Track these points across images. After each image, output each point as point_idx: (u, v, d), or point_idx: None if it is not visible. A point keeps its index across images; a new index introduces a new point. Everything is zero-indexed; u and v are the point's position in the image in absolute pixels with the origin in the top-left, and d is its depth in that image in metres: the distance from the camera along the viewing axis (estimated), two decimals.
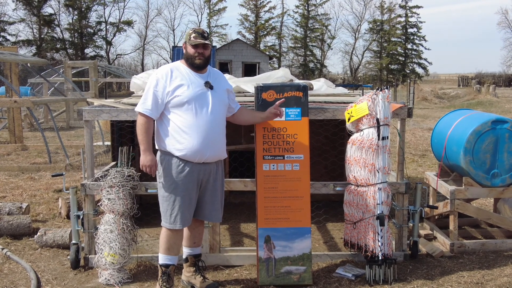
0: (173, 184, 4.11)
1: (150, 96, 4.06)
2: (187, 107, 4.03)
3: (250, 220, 6.41)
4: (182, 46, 4.21)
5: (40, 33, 53.41)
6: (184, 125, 4.04)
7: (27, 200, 7.37)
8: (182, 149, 4.04)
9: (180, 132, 4.05)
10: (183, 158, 4.08)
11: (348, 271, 4.74)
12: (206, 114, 4.08)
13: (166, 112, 4.10)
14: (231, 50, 35.89)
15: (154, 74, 4.15)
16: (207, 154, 4.11)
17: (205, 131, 4.07)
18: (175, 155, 4.08)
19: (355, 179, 4.73)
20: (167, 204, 4.15)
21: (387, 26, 61.18)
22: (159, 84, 4.06)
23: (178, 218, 4.13)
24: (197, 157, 4.08)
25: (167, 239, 4.21)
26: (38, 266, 4.98)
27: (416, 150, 12.24)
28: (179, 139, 4.05)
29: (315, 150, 6.80)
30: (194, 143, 4.03)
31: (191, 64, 4.15)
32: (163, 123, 4.13)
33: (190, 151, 4.04)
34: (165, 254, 4.24)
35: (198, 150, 4.05)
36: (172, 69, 4.13)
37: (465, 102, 30.73)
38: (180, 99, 4.02)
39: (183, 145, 4.04)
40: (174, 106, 4.05)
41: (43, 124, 17.69)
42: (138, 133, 4.11)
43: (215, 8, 60.00)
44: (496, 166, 5.28)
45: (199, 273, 4.47)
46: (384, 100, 4.60)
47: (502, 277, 4.65)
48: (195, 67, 4.15)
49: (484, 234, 5.92)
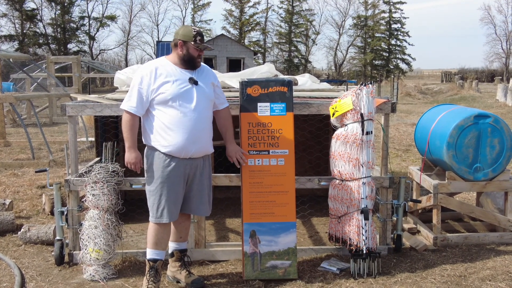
0: (160, 179, 4.12)
1: (135, 93, 4.08)
2: (171, 104, 4.05)
3: (236, 215, 6.42)
4: (178, 43, 4.14)
5: (22, 28, 52.90)
6: (169, 122, 4.06)
7: (10, 197, 7.30)
8: (167, 146, 4.07)
9: (165, 129, 4.07)
10: (168, 154, 4.10)
11: (333, 265, 4.77)
12: (190, 110, 4.09)
13: (151, 109, 4.12)
14: (215, 46, 35.79)
15: (139, 71, 4.15)
16: (192, 150, 4.12)
17: (190, 128, 4.08)
18: (161, 150, 4.10)
19: (339, 174, 4.76)
20: (154, 199, 4.17)
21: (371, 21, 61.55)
22: (143, 82, 4.07)
23: (165, 212, 4.14)
24: (182, 153, 4.10)
25: (154, 234, 4.22)
26: (22, 262, 4.95)
27: (400, 145, 12.33)
28: (164, 136, 4.07)
29: (300, 145, 6.82)
30: (179, 140, 4.06)
31: (190, 65, 4.18)
32: (148, 120, 4.15)
33: (175, 148, 4.07)
34: (152, 249, 4.24)
35: (183, 146, 4.08)
36: (157, 66, 4.12)
37: (448, 98, 30.98)
38: (164, 96, 4.04)
39: (168, 141, 4.06)
40: (158, 103, 4.07)
41: (26, 120, 17.53)
42: (123, 130, 4.14)
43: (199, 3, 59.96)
44: (479, 161, 5.34)
45: (184, 268, 4.48)
46: (368, 95, 4.62)
47: (485, 270, 4.71)
48: (193, 68, 4.21)
49: (467, 227, 5.99)
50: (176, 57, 4.19)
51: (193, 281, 4.38)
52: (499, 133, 5.31)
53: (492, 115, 5.37)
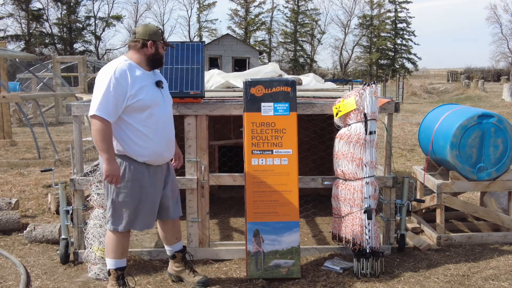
0: (136, 190, 3.94)
1: (110, 98, 3.71)
2: (148, 111, 3.87)
3: (239, 214, 6.44)
4: (147, 43, 3.93)
5: (28, 28, 53.06)
6: (145, 129, 3.88)
7: (16, 196, 7.35)
8: (144, 154, 3.90)
9: (142, 136, 3.87)
10: (145, 163, 3.94)
11: (336, 264, 4.79)
12: (163, 115, 3.99)
13: (124, 116, 3.83)
14: (221, 45, 35.87)
15: (108, 74, 3.77)
16: (167, 156, 4.09)
17: (165, 134, 4.01)
18: (137, 160, 3.91)
19: (343, 173, 4.77)
20: (126, 210, 3.96)
21: (376, 21, 61.40)
22: (119, 85, 3.74)
23: (140, 223, 4.03)
24: (159, 160, 4.01)
25: (121, 244, 4.06)
26: (28, 261, 4.99)
27: (404, 144, 12.32)
28: (141, 144, 3.88)
29: (303, 145, 6.84)
30: (156, 147, 3.93)
31: (156, 65, 4.04)
32: (119, 127, 3.86)
33: (153, 155, 3.93)
34: (118, 259, 4.08)
35: (161, 154, 3.99)
36: (128, 68, 3.84)
37: (454, 97, 30.89)
38: (142, 103, 3.83)
39: (145, 150, 3.89)
40: (134, 110, 3.83)
41: (32, 120, 17.61)
42: (99, 139, 3.73)
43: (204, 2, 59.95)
44: (482, 160, 5.34)
45: (188, 267, 4.47)
46: (372, 95, 4.64)
47: (488, 270, 4.72)
48: (158, 67, 4.08)
49: (471, 227, 5.99)
50: (142, 58, 3.95)
51: (199, 280, 4.38)
52: (503, 132, 5.31)
53: (496, 114, 5.37)
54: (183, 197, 5.05)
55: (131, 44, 4.00)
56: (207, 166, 4.90)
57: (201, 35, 60.15)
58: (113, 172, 3.78)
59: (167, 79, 4.82)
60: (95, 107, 3.71)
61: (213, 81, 6.47)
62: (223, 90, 6.19)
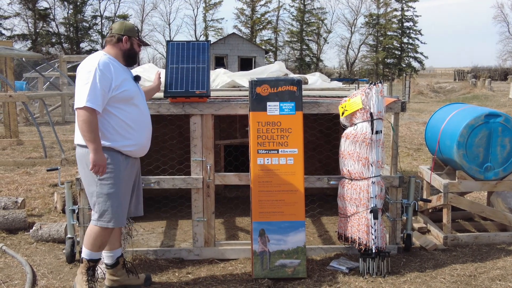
0: (120, 181, 3.94)
1: (97, 89, 3.74)
2: (132, 102, 3.95)
3: (245, 214, 6.44)
4: (123, 39, 4.00)
5: (35, 27, 53.22)
6: (130, 120, 3.92)
7: (23, 195, 7.37)
8: (130, 145, 3.94)
9: (126, 128, 3.91)
10: (128, 154, 3.97)
11: (342, 264, 4.77)
12: (143, 108, 4.07)
13: (108, 107, 3.85)
14: (227, 45, 35.85)
15: (94, 66, 3.79)
16: (147, 148, 4.14)
17: (147, 126, 4.08)
18: (121, 150, 3.92)
19: (349, 173, 4.76)
20: (112, 203, 3.93)
21: (383, 20, 61.21)
22: (104, 77, 3.78)
23: (122, 217, 4.02)
24: (141, 152, 4.06)
25: (101, 238, 4.01)
26: (34, 260, 5.00)
27: (411, 144, 12.28)
28: (125, 135, 3.91)
29: (309, 144, 6.83)
30: (140, 139, 3.99)
31: (131, 61, 4.11)
32: (103, 119, 3.86)
33: (136, 147, 3.98)
34: (95, 252, 4.05)
35: (144, 145, 4.05)
36: (110, 62, 3.89)
37: (460, 96, 30.79)
38: (127, 94, 3.90)
39: (130, 141, 3.93)
40: (119, 101, 3.87)
41: (39, 119, 17.66)
42: (87, 130, 3.73)
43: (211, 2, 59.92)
44: (489, 160, 5.31)
45: (130, 270, 4.38)
46: (378, 94, 4.62)
47: (495, 270, 4.69)
48: (133, 63, 4.16)
49: (478, 227, 5.97)
50: (118, 52, 4.01)
51: (146, 278, 4.40)
52: (510, 132, 5.27)
53: (503, 114, 5.34)
54: (188, 196, 5.06)
55: (107, 39, 4.08)
56: (212, 165, 4.90)
57: (207, 34, 60.20)
58: (100, 161, 3.78)
59: (172, 78, 4.83)
60: (85, 99, 3.71)
61: (219, 80, 6.46)
62: (228, 90, 6.18)
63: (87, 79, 3.76)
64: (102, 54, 3.93)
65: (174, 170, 6.31)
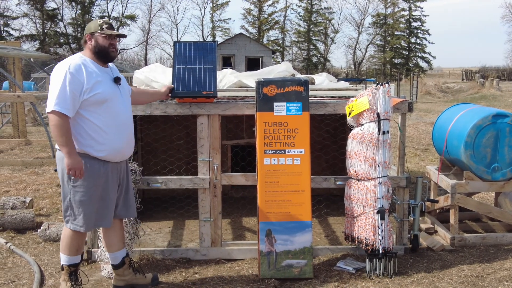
0: (94, 188, 3.87)
1: (67, 92, 3.67)
2: (106, 105, 3.83)
3: (252, 214, 6.44)
4: (85, 37, 3.93)
5: (43, 28, 53.45)
6: (103, 124, 3.83)
7: (31, 195, 7.42)
8: (103, 150, 3.85)
9: (100, 132, 3.83)
10: (102, 159, 3.88)
11: (349, 264, 4.77)
12: (121, 111, 3.95)
13: (81, 111, 3.78)
14: (234, 45, 35.87)
15: (65, 69, 3.73)
16: (126, 152, 4.04)
17: (124, 130, 3.96)
18: (94, 155, 3.84)
19: (355, 173, 4.75)
20: (85, 209, 3.87)
21: (390, 20, 61.02)
22: (75, 80, 3.70)
23: (99, 221, 3.98)
24: (118, 156, 3.96)
25: (76, 242, 3.98)
26: (42, 259, 5.03)
27: (418, 144, 12.25)
28: (98, 140, 3.83)
29: (316, 145, 6.83)
30: (115, 143, 3.89)
31: (104, 57, 3.94)
32: (76, 123, 3.80)
33: (112, 151, 3.89)
34: (72, 256, 4.02)
35: (119, 150, 3.94)
36: (83, 63, 3.81)
37: (468, 96, 30.68)
38: (100, 97, 3.79)
39: (103, 145, 3.84)
40: (91, 104, 3.79)
41: (47, 119, 17.71)
42: (59, 134, 3.68)
43: (218, 2, 59.99)
44: (497, 160, 5.29)
45: (136, 270, 4.39)
46: (385, 95, 4.61)
47: (502, 271, 4.67)
48: (107, 60, 3.97)
49: (485, 228, 5.94)
50: (91, 53, 3.92)
51: (153, 278, 4.39)
52: None
53: (511, 114, 5.32)
54: (195, 196, 5.07)
55: (82, 43, 4.04)
56: (219, 165, 4.91)
57: (215, 35, 60.24)
58: (75, 165, 3.72)
59: (179, 78, 4.83)
60: (53, 103, 3.67)
61: (226, 81, 6.46)
62: (235, 90, 6.18)
63: (57, 83, 3.71)
64: (78, 57, 3.88)
65: (181, 170, 6.32)
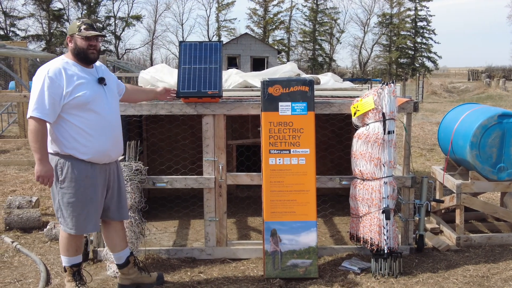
0: (81, 190, 3.85)
1: (46, 98, 3.65)
2: (89, 108, 3.80)
3: (257, 213, 6.45)
4: (67, 39, 3.89)
5: (49, 28, 53.65)
6: (87, 126, 3.80)
7: (37, 194, 7.45)
8: (88, 152, 3.82)
9: (84, 134, 3.80)
10: (88, 161, 3.86)
11: (354, 264, 4.77)
12: (106, 113, 3.90)
13: (63, 114, 3.76)
14: (239, 45, 35.88)
15: (44, 73, 3.72)
16: (112, 154, 4.00)
17: (109, 131, 3.92)
18: (80, 158, 3.82)
19: (361, 173, 4.75)
20: (73, 211, 3.87)
21: (396, 19, 60.91)
22: (54, 84, 3.68)
23: (89, 225, 3.96)
24: (104, 158, 3.92)
25: (74, 243, 4.01)
26: (48, 259, 5.05)
27: (424, 144, 12.22)
28: (83, 142, 3.80)
29: (321, 144, 6.83)
30: (100, 145, 3.85)
31: (83, 59, 3.87)
32: (60, 126, 3.79)
33: (97, 153, 3.86)
34: (73, 257, 4.05)
35: (105, 151, 3.90)
36: (64, 67, 3.78)
37: (474, 96, 30.57)
38: (81, 100, 3.75)
39: (88, 148, 3.81)
40: (74, 107, 3.76)
41: None
42: (33, 140, 3.68)
43: (223, 2, 60.03)
44: (503, 160, 5.28)
45: (141, 269, 4.40)
46: (390, 95, 4.61)
47: (508, 271, 4.66)
48: (88, 61, 3.91)
49: (491, 228, 5.93)
50: (72, 55, 3.88)
51: (158, 277, 4.40)
52: None
53: None
54: (200, 196, 5.09)
55: (64, 44, 4.02)
56: (224, 165, 4.92)
57: (220, 35, 60.28)
58: (44, 173, 3.73)
59: (185, 78, 4.84)
60: (32, 108, 3.66)
61: (231, 81, 6.47)
62: (241, 90, 6.19)
63: (36, 88, 3.70)
64: (60, 59, 3.86)
65: (186, 170, 6.34)
